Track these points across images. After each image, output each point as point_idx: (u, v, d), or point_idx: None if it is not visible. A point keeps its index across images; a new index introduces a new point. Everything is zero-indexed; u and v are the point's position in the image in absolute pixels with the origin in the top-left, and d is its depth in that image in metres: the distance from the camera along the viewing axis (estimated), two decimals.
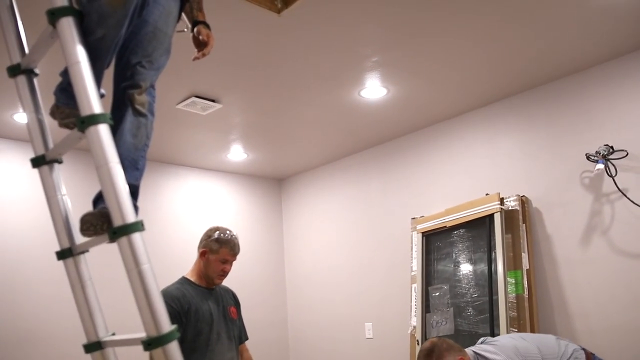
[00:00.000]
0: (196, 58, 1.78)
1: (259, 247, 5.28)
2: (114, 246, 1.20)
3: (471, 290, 3.59)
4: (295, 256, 5.41)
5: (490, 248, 3.50)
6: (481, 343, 2.34)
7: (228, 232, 2.61)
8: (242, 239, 2.76)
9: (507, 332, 3.24)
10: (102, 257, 2.96)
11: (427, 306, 3.79)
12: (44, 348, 3.80)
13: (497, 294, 3.38)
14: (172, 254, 4.54)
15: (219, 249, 2.54)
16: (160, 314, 1.08)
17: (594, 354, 2.33)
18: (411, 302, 3.93)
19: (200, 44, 1.76)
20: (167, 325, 1.09)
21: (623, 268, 3.21)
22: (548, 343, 2.29)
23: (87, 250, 1.34)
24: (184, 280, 2.59)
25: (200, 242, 2.61)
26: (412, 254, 4.04)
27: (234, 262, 2.62)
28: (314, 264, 5.19)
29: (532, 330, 3.32)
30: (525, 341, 2.27)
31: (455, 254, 3.76)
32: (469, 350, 2.24)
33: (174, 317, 2.35)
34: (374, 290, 4.56)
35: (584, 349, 2.36)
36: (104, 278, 3.71)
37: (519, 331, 3.28)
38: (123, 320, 2.83)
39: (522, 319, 3.33)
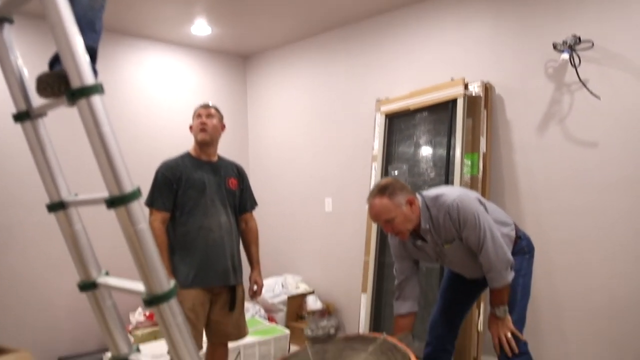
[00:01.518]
0: None
1: None
2: (74, 111, 1.18)
3: (429, 170, 3.70)
4: (259, 134, 5.42)
5: (451, 132, 3.57)
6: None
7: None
8: None
9: None
10: (63, 120, 2.95)
11: None
12: (21, 210, 3.87)
13: (453, 174, 3.50)
14: (134, 127, 4.52)
15: (194, 114, 2.82)
16: (121, 174, 1.10)
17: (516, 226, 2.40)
18: (370, 179, 4.04)
19: None
20: (128, 185, 1.11)
21: (575, 155, 3.34)
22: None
23: (45, 114, 1.32)
24: (185, 153, 2.81)
25: None
26: (374, 134, 4.10)
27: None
28: (278, 143, 5.23)
29: None
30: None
31: (417, 136, 3.82)
32: (417, 195, 2.28)
33: (166, 183, 2.64)
34: (335, 168, 4.65)
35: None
36: (65, 142, 3.71)
37: None
38: (87, 184, 2.89)
39: None
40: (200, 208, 2.67)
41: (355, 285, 4.16)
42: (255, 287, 2.90)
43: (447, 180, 3.55)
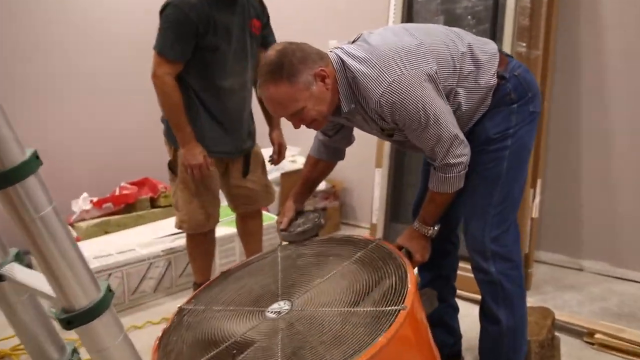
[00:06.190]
0: None
1: None
2: None
3: None
4: None
5: None
6: (357, 39, 1.89)
7: None
8: None
9: (512, 48, 2.77)
10: None
11: (409, 15, 3.22)
12: None
13: None
14: None
15: None
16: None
17: (511, 57, 1.92)
18: (388, 12, 3.29)
19: None
20: (18, 152, 0.92)
21: None
22: (436, 35, 1.84)
23: None
24: None
25: None
26: None
27: None
28: None
29: (546, 44, 2.86)
30: (413, 37, 1.80)
31: None
32: (333, 54, 1.79)
33: (189, 25, 2.29)
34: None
35: (500, 51, 1.90)
36: None
37: (528, 48, 2.81)
38: None
39: (535, 28, 2.79)
40: (224, 62, 2.43)
41: (368, 159, 3.73)
42: (277, 150, 2.79)
43: (497, 5, 2.84)
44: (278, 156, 2.77)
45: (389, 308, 1.51)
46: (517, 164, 1.86)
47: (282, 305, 1.67)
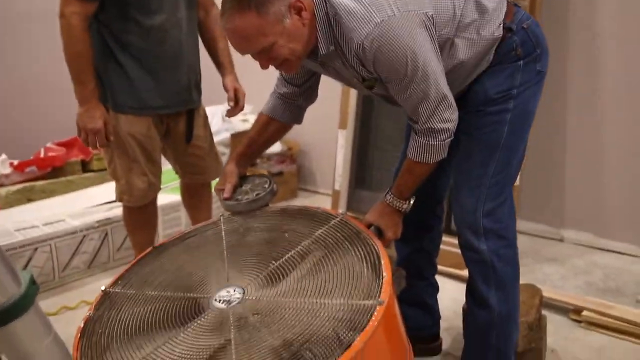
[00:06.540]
0: None
1: None
2: None
3: None
4: None
5: None
6: None
7: None
8: None
9: None
10: None
11: None
12: None
13: None
14: None
15: None
16: None
17: (518, 7, 1.80)
18: None
19: None
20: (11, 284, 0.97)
21: None
22: None
23: None
24: None
25: None
26: None
27: None
28: None
29: None
30: None
31: None
32: None
33: None
34: None
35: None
36: None
37: None
38: None
39: None
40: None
41: (330, 117, 3.57)
42: (232, 97, 2.45)
43: None
44: (235, 104, 2.48)
45: (364, 302, 1.39)
46: (519, 129, 1.76)
47: (232, 293, 1.52)
